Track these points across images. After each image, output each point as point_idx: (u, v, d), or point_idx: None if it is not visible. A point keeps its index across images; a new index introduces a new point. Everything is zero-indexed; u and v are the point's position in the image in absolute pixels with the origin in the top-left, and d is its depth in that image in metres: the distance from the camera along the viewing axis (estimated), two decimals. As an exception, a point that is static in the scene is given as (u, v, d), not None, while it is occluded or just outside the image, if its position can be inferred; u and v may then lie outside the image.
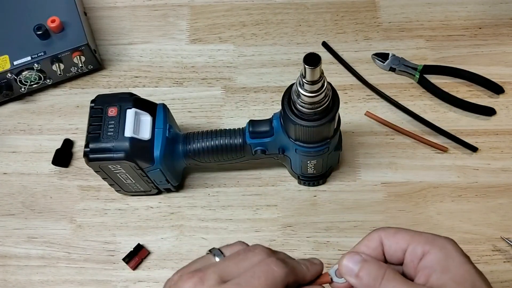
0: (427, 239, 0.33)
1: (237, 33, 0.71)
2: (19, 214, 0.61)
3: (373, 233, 0.36)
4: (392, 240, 0.35)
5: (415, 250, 0.33)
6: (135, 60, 0.70)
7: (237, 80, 0.68)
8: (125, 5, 0.74)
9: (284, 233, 0.58)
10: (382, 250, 0.35)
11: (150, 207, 0.60)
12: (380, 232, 0.35)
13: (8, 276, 0.58)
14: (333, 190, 0.60)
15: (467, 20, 0.70)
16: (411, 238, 0.34)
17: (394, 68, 0.66)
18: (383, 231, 0.35)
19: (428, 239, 0.33)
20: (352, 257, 0.34)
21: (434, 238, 0.34)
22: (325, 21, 0.71)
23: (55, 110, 0.67)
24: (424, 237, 0.34)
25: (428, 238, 0.34)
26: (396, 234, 0.35)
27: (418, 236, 0.34)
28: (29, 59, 0.62)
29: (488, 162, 0.60)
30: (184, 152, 0.55)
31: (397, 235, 0.35)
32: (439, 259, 0.32)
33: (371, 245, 0.35)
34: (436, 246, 0.33)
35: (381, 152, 0.62)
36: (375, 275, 0.33)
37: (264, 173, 0.61)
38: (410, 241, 0.34)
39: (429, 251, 0.33)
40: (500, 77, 0.65)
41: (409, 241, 0.34)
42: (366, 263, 0.33)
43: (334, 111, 0.47)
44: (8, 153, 0.65)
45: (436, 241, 0.33)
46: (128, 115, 0.51)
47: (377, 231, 0.36)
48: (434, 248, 0.33)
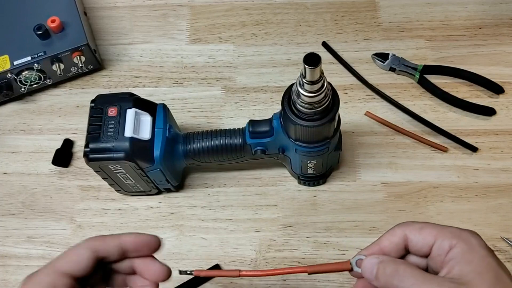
0: (454, 234, 0.34)
1: (237, 33, 0.71)
2: (19, 214, 0.61)
3: (396, 228, 0.36)
4: (418, 236, 0.35)
5: (442, 245, 0.34)
6: (135, 60, 0.70)
7: (237, 80, 0.68)
8: (125, 5, 0.74)
9: (284, 233, 0.58)
10: (404, 245, 0.36)
11: (150, 207, 0.60)
12: (404, 227, 0.36)
13: (8, 276, 0.58)
14: (333, 190, 0.60)
15: (467, 20, 0.70)
16: (438, 233, 0.35)
17: (394, 68, 0.66)
18: (408, 226, 0.36)
19: (454, 234, 0.34)
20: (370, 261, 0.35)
21: (460, 232, 0.34)
22: (325, 21, 0.71)
23: (55, 110, 0.67)
24: (450, 231, 0.35)
25: (454, 233, 0.34)
26: (422, 230, 0.35)
27: (444, 231, 0.35)
28: (29, 59, 0.62)
29: (488, 162, 0.60)
30: (184, 152, 0.55)
31: (423, 230, 0.35)
32: (464, 252, 0.33)
33: (394, 240, 0.36)
34: (462, 240, 0.34)
35: (381, 152, 0.62)
36: (391, 272, 0.34)
37: (264, 173, 0.61)
38: (437, 236, 0.35)
39: (455, 245, 0.34)
40: (500, 77, 0.65)
41: (436, 236, 0.35)
42: (382, 264, 0.35)
43: (334, 111, 0.47)
44: (8, 153, 0.65)
45: (462, 234, 0.34)
46: (128, 115, 0.51)
47: (401, 226, 0.36)
48: (460, 242, 0.33)
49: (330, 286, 0.55)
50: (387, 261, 0.35)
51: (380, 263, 0.35)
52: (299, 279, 0.56)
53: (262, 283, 0.56)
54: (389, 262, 0.35)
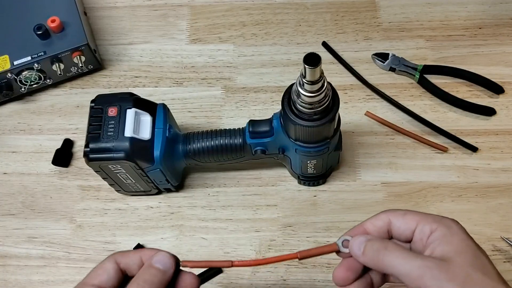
0: (435, 219, 0.36)
1: (237, 33, 0.71)
2: (19, 214, 0.61)
3: (381, 214, 0.38)
4: (401, 221, 0.37)
5: (423, 229, 0.36)
6: (135, 60, 0.70)
7: (237, 80, 0.68)
8: (125, 5, 0.74)
9: (284, 233, 0.58)
10: (387, 230, 0.38)
11: (150, 207, 0.60)
12: (389, 213, 0.38)
13: (8, 276, 0.58)
14: (333, 190, 0.60)
15: (467, 20, 0.70)
16: (420, 218, 0.37)
17: (394, 68, 0.66)
18: (392, 212, 0.38)
19: (435, 219, 0.36)
20: (358, 239, 0.37)
21: (441, 218, 0.37)
22: (325, 21, 0.71)
23: (55, 110, 0.67)
24: (432, 217, 0.37)
25: (435, 218, 0.36)
26: (405, 216, 0.37)
27: (426, 216, 0.37)
28: (29, 59, 0.62)
29: (488, 162, 0.60)
30: (184, 152, 0.55)
31: (406, 216, 0.37)
32: (444, 234, 0.35)
33: (378, 224, 0.38)
34: (442, 224, 0.36)
35: (381, 152, 0.62)
36: (378, 248, 0.36)
37: (264, 173, 0.61)
38: (419, 221, 0.37)
39: (436, 229, 0.35)
40: (500, 77, 0.65)
41: (418, 221, 0.37)
42: (370, 241, 0.36)
43: (334, 111, 0.47)
44: (8, 153, 0.65)
45: (443, 220, 0.36)
46: (128, 115, 0.51)
47: (385, 212, 0.38)
48: (440, 226, 0.36)
49: (330, 286, 0.55)
50: (375, 239, 0.37)
51: (368, 241, 0.37)
52: (298, 279, 0.56)
53: (262, 283, 0.56)
54: (377, 240, 0.37)
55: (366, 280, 0.38)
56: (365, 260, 0.36)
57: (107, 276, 0.37)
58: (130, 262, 0.38)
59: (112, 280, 0.37)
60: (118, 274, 0.38)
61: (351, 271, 0.38)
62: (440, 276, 0.33)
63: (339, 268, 0.38)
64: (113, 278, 0.37)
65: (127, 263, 0.38)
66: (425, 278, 0.33)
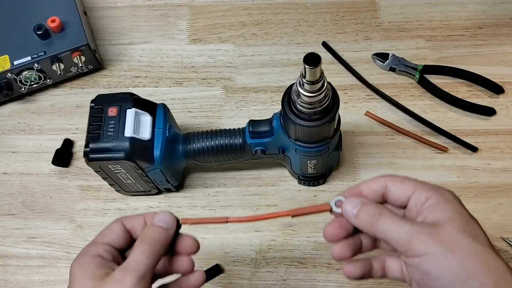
0: (431, 187, 0.37)
1: (237, 33, 0.71)
2: (19, 214, 0.61)
3: (379, 177, 0.39)
4: (398, 187, 0.38)
5: (419, 196, 0.37)
6: (135, 60, 0.70)
7: (237, 80, 0.68)
8: (125, 5, 0.74)
9: (284, 233, 0.58)
10: (383, 194, 0.38)
11: (150, 207, 0.60)
12: (387, 178, 0.38)
13: (8, 276, 0.58)
14: (333, 190, 0.60)
15: (467, 20, 0.70)
16: (417, 186, 0.37)
17: (394, 68, 0.66)
18: (390, 177, 0.38)
19: (432, 187, 0.37)
20: (353, 201, 0.37)
21: (438, 187, 0.37)
22: (325, 21, 0.71)
23: (55, 110, 0.67)
24: (429, 186, 0.37)
25: (432, 187, 0.37)
26: (403, 182, 0.38)
27: (424, 185, 0.37)
28: (29, 59, 0.62)
29: (488, 162, 0.60)
30: (184, 152, 0.55)
31: (404, 182, 0.38)
32: (438, 202, 0.36)
33: (374, 187, 0.38)
34: (438, 193, 0.36)
35: (381, 152, 0.62)
36: (373, 213, 0.36)
37: (264, 173, 0.61)
38: (416, 188, 0.37)
39: (431, 196, 0.36)
40: (500, 77, 0.65)
41: (415, 188, 0.37)
42: (365, 205, 0.37)
43: (334, 111, 0.47)
44: (8, 153, 0.65)
45: (440, 189, 0.37)
46: (128, 115, 0.51)
47: (384, 176, 0.38)
48: (436, 194, 0.36)
49: (330, 286, 0.55)
50: (370, 203, 0.37)
51: (363, 204, 0.37)
52: (298, 279, 0.56)
53: (262, 283, 0.56)
54: (372, 204, 0.37)
55: (355, 241, 0.39)
56: (358, 223, 0.37)
57: (115, 235, 0.39)
58: (135, 223, 0.40)
59: (120, 239, 0.39)
60: (125, 234, 0.40)
61: (343, 229, 0.38)
62: (428, 240, 0.33)
63: (331, 224, 0.38)
64: (120, 237, 0.39)
65: (132, 224, 0.40)
66: (413, 241, 0.34)
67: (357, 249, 0.39)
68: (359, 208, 0.37)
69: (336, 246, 0.38)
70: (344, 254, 0.38)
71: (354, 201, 0.37)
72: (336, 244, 0.38)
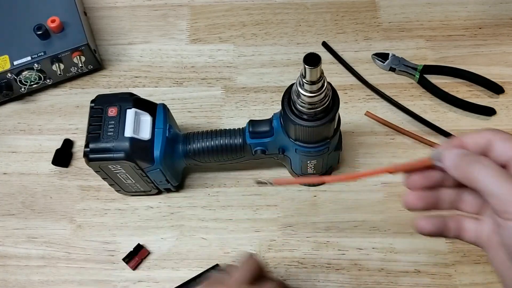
0: None
1: (237, 33, 0.71)
2: (19, 214, 0.61)
3: (485, 131, 0.35)
4: (506, 146, 0.34)
5: None
6: (135, 60, 0.70)
7: (237, 80, 0.68)
8: (125, 5, 0.74)
9: (284, 233, 0.58)
10: (486, 149, 0.35)
11: (150, 207, 0.60)
12: (494, 133, 0.35)
13: (8, 276, 0.58)
14: (333, 190, 0.60)
15: (467, 20, 0.70)
16: None
17: (394, 68, 0.66)
18: (498, 134, 0.35)
19: None
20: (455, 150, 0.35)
21: None
22: (325, 21, 0.71)
23: (55, 110, 0.67)
24: None
25: None
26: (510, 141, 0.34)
27: None
28: (29, 59, 0.62)
29: (488, 162, 0.60)
30: (184, 152, 0.55)
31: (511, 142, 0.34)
32: None
33: (478, 141, 0.35)
34: None
35: (381, 152, 0.62)
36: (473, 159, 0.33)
37: (264, 173, 0.61)
38: None
39: None
40: (500, 77, 0.65)
41: None
42: (465, 154, 0.34)
43: (334, 111, 0.47)
44: (8, 153, 0.65)
45: None
46: (128, 115, 0.51)
47: (490, 131, 0.35)
48: None
49: (330, 286, 0.55)
50: (471, 153, 0.34)
51: (464, 153, 0.34)
52: (298, 279, 0.56)
53: (262, 283, 0.56)
54: (473, 154, 0.34)
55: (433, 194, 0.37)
56: (458, 173, 0.34)
57: None
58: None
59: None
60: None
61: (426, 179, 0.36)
62: None
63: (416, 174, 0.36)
64: None
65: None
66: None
67: (432, 203, 0.37)
68: (459, 157, 0.34)
69: (410, 193, 0.36)
70: (415, 203, 0.36)
71: (455, 151, 0.34)
72: (411, 192, 0.36)
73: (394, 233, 0.57)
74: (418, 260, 0.56)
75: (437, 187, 0.37)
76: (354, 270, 0.56)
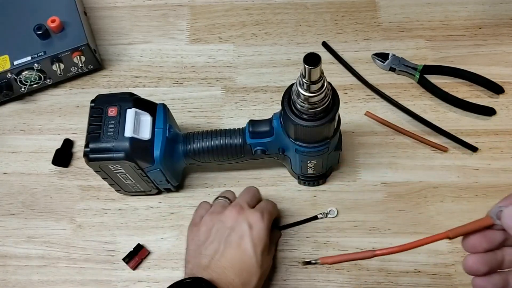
0: None
1: (237, 33, 0.71)
2: (19, 214, 0.61)
3: None
4: None
5: None
6: (135, 60, 0.70)
7: (237, 80, 0.68)
8: (125, 5, 0.74)
9: (284, 233, 0.58)
10: None
11: (150, 207, 0.60)
12: None
13: (8, 276, 0.58)
14: (333, 190, 0.60)
15: (467, 20, 0.70)
16: None
17: (394, 68, 0.66)
18: None
19: None
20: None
21: None
22: (325, 21, 0.71)
23: (55, 110, 0.67)
24: None
25: None
26: None
27: None
28: (29, 59, 0.62)
29: (488, 162, 0.60)
30: (184, 152, 0.55)
31: None
32: None
33: None
34: None
35: (381, 152, 0.62)
36: None
37: (264, 173, 0.61)
38: None
39: None
40: (500, 77, 0.65)
41: None
42: None
43: (334, 111, 0.47)
44: (8, 153, 0.65)
45: None
46: (128, 115, 0.51)
47: None
48: None
49: (330, 286, 0.55)
50: None
51: None
52: (298, 279, 0.56)
53: (262, 283, 0.56)
54: None
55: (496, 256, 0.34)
56: None
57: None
58: None
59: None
60: None
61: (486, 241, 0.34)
62: None
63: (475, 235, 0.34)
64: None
65: None
66: None
67: (495, 265, 0.34)
68: None
69: (472, 257, 0.34)
70: (477, 268, 0.34)
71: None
72: (472, 255, 0.34)
73: (394, 233, 0.57)
74: (418, 260, 0.56)
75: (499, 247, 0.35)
76: (354, 270, 0.56)
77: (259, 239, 0.48)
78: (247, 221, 0.49)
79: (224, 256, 0.47)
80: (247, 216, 0.49)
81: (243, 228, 0.48)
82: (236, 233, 0.48)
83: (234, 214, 0.50)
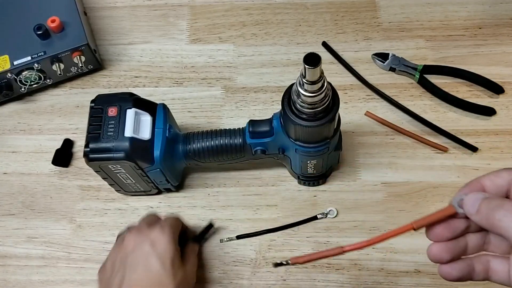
0: None
1: (237, 33, 0.71)
2: (19, 214, 0.61)
3: (503, 171, 0.35)
4: None
5: None
6: (135, 60, 0.70)
7: (237, 80, 0.68)
8: (125, 5, 0.74)
9: (284, 233, 0.58)
10: (507, 190, 0.34)
11: (150, 207, 0.60)
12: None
13: (8, 276, 0.58)
14: (333, 190, 0.60)
15: (467, 20, 0.70)
16: None
17: (394, 68, 0.66)
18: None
19: None
20: (474, 196, 0.34)
21: None
22: (325, 21, 0.71)
23: (55, 110, 0.67)
24: None
25: None
26: None
27: None
28: (29, 59, 0.62)
29: (488, 162, 0.60)
30: (184, 152, 0.55)
31: None
32: None
33: (498, 182, 0.34)
34: None
35: (381, 152, 0.62)
36: (495, 205, 0.32)
37: (264, 173, 0.61)
38: None
39: None
40: (500, 77, 0.65)
41: None
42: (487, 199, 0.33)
43: (334, 111, 0.47)
44: (8, 153, 0.65)
45: None
46: (128, 115, 0.51)
47: (508, 170, 0.35)
48: None
49: (330, 286, 0.55)
50: (493, 197, 0.33)
51: (485, 198, 0.33)
52: (298, 279, 0.56)
53: (262, 282, 0.56)
54: (495, 198, 0.33)
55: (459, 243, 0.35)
56: (478, 219, 0.33)
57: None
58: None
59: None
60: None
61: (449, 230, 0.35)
62: None
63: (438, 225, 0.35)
64: None
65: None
66: None
67: (459, 252, 0.35)
68: (480, 203, 0.33)
69: (435, 245, 0.35)
70: (441, 256, 0.35)
71: (475, 196, 0.33)
72: (435, 243, 0.35)
73: (394, 233, 0.57)
74: (418, 260, 0.56)
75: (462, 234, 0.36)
76: (354, 270, 0.56)
77: (165, 252, 0.48)
78: (148, 239, 0.48)
79: (132, 280, 0.46)
80: (147, 235, 0.49)
81: (145, 247, 0.48)
82: (139, 254, 0.48)
83: (133, 237, 0.49)
